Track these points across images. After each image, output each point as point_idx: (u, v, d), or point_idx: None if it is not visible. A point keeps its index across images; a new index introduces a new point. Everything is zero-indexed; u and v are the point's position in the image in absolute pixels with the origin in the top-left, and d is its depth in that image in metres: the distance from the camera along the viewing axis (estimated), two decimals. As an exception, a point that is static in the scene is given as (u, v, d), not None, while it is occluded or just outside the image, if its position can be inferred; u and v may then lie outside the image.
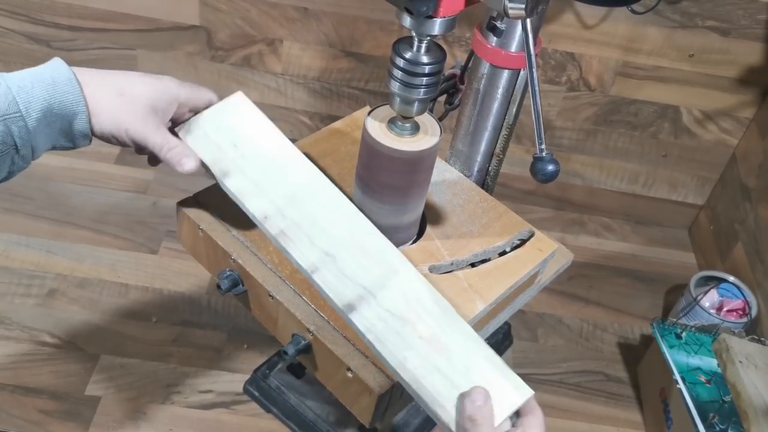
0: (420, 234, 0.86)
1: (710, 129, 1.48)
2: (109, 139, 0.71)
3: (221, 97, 0.81)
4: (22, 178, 1.56)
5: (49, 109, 0.65)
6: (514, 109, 0.91)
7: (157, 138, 0.72)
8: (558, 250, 0.89)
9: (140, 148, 0.73)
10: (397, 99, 0.72)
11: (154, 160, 0.76)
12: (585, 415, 1.26)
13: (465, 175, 0.95)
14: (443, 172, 0.94)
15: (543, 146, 0.73)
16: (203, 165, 0.75)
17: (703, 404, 1.09)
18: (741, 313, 1.30)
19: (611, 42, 1.36)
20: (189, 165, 0.73)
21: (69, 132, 0.68)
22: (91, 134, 0.69)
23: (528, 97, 0.79)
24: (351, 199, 0.85)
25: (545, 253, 0.85)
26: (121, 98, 0.69)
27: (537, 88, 0.73)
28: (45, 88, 0.65)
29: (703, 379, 1.14)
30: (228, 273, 0.79)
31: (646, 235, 1.63)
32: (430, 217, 0.87)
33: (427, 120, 0.77)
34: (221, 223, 0.81)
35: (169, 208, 1.47)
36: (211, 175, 0.76)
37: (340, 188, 0.81)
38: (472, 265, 0.83)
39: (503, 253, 0.85)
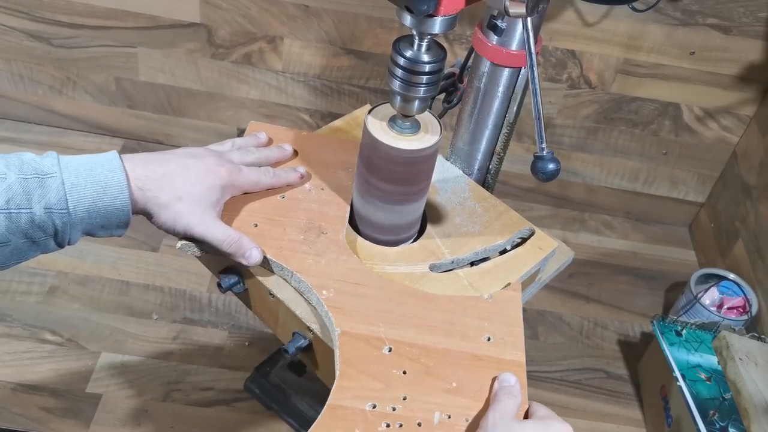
0: (420, 232, 0.86)
1: (711, 126, 1.48)
2: (166, 231, 0.74)
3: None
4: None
5: (95, 208, 0.68)
6: (515, 108, 0.91)
7: (217, 234, 0.73)
8: (558, 248, 0.89)
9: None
10: (398, 97, 0.72)
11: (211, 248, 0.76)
12: (585, 412, 1.26)
13: (465, 174, 0.95)
14: (444, 170, 0.94)
15: (544, 144, 0.73)
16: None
17: (703, 401, 1.09)
18: (741, 310, 1.31)
19: (612, 40, 1.36)
20: (255, 257, 0.74)
21: (107, 227, 0.71)
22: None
23: (529, 95, 0.79)
24: (352, 198, 0.85)
25: (546, 252, 0.85)
26: (179, 203, 0.72)
27: (538, 86, 0.73)
28: (96, 190, 0.67)
29: (703, 376, 1.14)
30: (228, 271, 0.79)
31: (646, 233, 1.63)
32: (431, 215, 0.87)
33: (427, 118, 0.77)
34: (222, 222, 0.81)
35: (169, 205, 1.47)
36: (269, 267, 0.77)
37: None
38: (473, 263, 0.83)
39: (504, 252, 0.85)
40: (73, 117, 1.60)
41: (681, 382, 1.12)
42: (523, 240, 0.86)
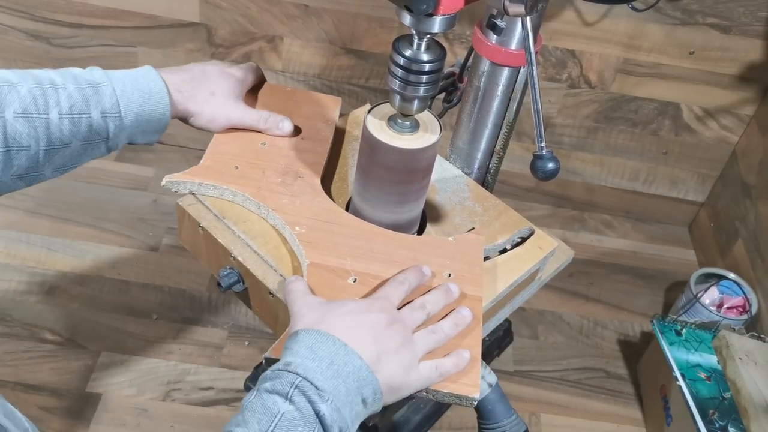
0: (420, 232, 0.86)
1: (711, 126, 1.48)
2: (204, 127, 0.85)
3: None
4: (22, 176, 1.55)
5: (141, 113, 0.77)
6: (515, 107, 0.91)
7: (252, 115, 0.87)
8: (558, 247, 0.89)
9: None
10: (398, 96, 0.72)
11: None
12: (585, 411, 1.26)
13: (465, 173, 0.95)
14: (443, 169, 0.94)
15: (543, 144, 0.73)
16: None
17: (703, 401, 1.09)
18: (741, 310, 1.31)
19: (612, 39, 1.36)
20: (286, 127, 0.88)
21: (147, 132, 0.80)
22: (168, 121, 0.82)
23: (528, 94, 0.79)
24: (351, 197, 0.85)
25: (545, 251, 0.85)
26: (214, 98, 0.84)
27: (537, 85, 0.73)
28: (142, 96, 0.77)
29: (703, 375, 1.14)
30: (228, 270, 0.79)
31: (646, 233, 1.63)
32: (430, 214, 0.87)
33: (427, 117, 0.77)
34: (222, 221, 0.81)
35: (169, 205, 1.48)
36: None
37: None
38: (472, 262, 0.83)
39: (504, 251, 0.85)
40: (72, 116, 1.60)
41: (681, 382, 1.12)
42: (523, 239, 0.86)
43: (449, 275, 0.75)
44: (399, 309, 0.69)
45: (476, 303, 0.73)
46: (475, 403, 0.68)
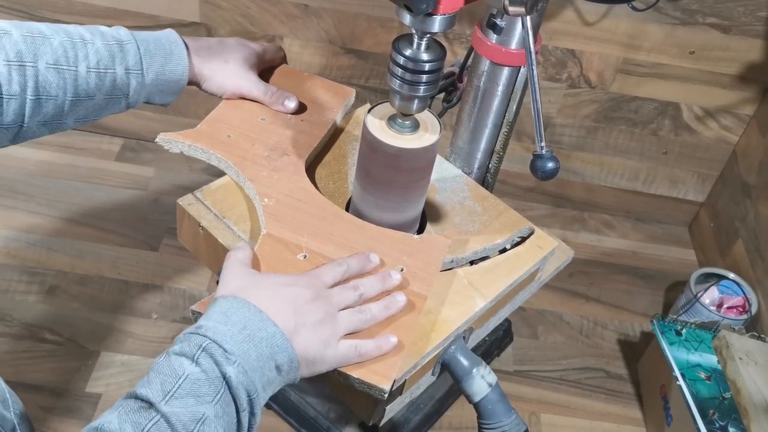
0: (420, 231, 0.86)
1: (711, 126, 1.48)
2: (214, 93, 0.90)
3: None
4: (23, 175, 1.56)
5: (162, 72, 0.82)
6: (515, 107, 0.91)
7: (261, 87, 0.90)
8: (558, 247, 0.89)
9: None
10: (398, 96, 0.72)
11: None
12: (585, 411, 1.26)
13: (465, 173, 0.96)
14: (443, 169, 0.94)
15: (543, 143, 0.73)
16: None
17: (703, 401, 1.09)
18: (741, 310, 1.31)
19: (612, 39, 1.36)
20: (291, 104, 0.90)
21: (164, 92, 0.85)
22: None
23: (528, 94, 0.79)
24: (351, 197, 0.85)
25: (545, 251, 0.85)
26: (227, 66, 0.88)
27: (537, 85, 0.73)
28: (164, 56, 0.82)
29: (703, 375, 1.14)
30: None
31: (646, 232, 1.63)
32: (430, 214, 0.88)
33: (427, 117, 0.77)
34: (222, 221, 0.81)
35: (169, 205, 1.48)
36: None
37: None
38: (472, 262, 0.83)
39: (503, 251, 0.85)
40: (72, 116, 1.60)
41: (681, 382, 1.12)
42: (523, 239, 0.86)
43: (401, 269, 0.75)
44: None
45: (420, 300, 0.73)
46: (385, 395, 0.66)
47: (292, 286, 0.66)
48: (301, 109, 0.93)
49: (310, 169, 0.88)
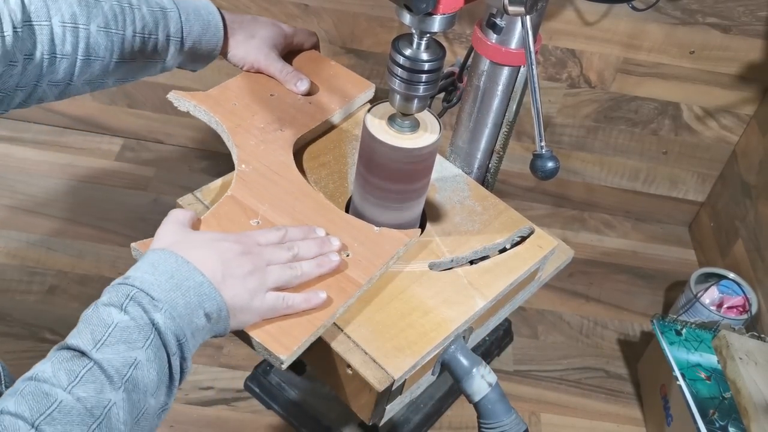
0: (420, 231, 0.86)
1: (711, 126, 1.48)
2: (236, 64, 0.93)
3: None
4: (23, 175, 1.56)
5: (198, 40, 0.86)
6: (514, 106, 0.91)
7: (278, 65, 0.93)
8: (558, 247, 0.89)
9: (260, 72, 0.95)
10: (397, 96, 0.72)
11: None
12: (585, 411, 1.26)
13: (465, 172, 0.95)
14: (443, 169, 0.94)
15: (543, 143, 0.74)
16: None
17: (703, 401, 1.09)
18: (741, 309, 1.31)
19: (612, 39, 1.36)
20: (303, 86, 0.93)
21: (197, 61, 0.89)
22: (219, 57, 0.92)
23: (528, 94, 0.79)
24: (351, 196, 0.85)
25: (545, 250, 0.85)
26: (252, 40, 0.92)
27: (537, 85, 0.73)
28: (202, 25, 0.86)
29: (703, 375, 1.14)
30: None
31: (646, 232, 1.63)
32: (430, 214, 0.88)
33: (426, 117, 0.77)
34: (221, 220, 0.81)
35: (169, 205, 1.46)
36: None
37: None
38: (472, 262, 0.83)
39: (503, 250, 0.85)
40: (72, 116, 1.59)
41: (681, 381, 1.12)
42: (523, 239, 0.86)
43: (347, 255, 0.76)
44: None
45: (353, 286, 0.73)
46: (283, 366, 0.67)
47: (222, 241, 0.68)
48: (314, 91, 0.94)
49: (301, 152, 0.90)
